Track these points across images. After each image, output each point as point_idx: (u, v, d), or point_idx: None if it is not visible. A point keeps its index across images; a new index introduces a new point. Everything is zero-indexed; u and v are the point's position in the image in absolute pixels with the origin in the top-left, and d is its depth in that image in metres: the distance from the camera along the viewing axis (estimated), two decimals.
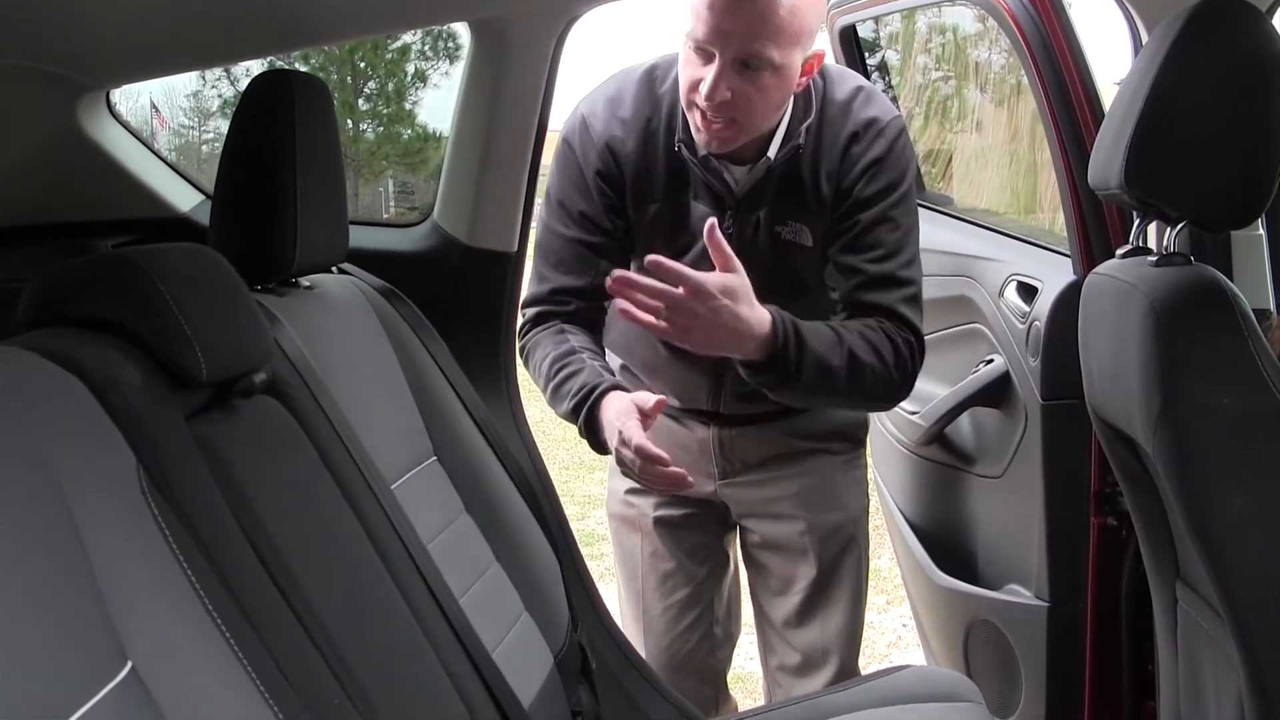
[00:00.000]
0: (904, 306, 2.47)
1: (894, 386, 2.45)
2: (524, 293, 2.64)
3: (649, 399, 2.41)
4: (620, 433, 2.38)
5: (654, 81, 2.57)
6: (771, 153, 2.47)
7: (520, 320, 2.60)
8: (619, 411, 2.45)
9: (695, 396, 2.75)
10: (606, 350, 2.64)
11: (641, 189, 2.57)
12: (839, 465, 2.80)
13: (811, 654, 2.82)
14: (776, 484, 2.78)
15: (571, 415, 2.52)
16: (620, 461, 2.43)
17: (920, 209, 3.42)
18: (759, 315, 2.28)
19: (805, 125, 2.48)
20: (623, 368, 2.81)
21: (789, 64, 2.35)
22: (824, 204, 2.50)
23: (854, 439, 2.84)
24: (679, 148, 2.50)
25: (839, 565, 2.78)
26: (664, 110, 2.55)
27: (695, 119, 2.41)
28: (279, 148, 2.03)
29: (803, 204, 2.51)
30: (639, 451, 2.33)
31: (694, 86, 2.36)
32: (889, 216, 2.48)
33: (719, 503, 2.86)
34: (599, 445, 2.50)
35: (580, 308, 2.59)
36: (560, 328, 2.57)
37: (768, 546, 2.84)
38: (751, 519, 2.84)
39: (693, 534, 2.91)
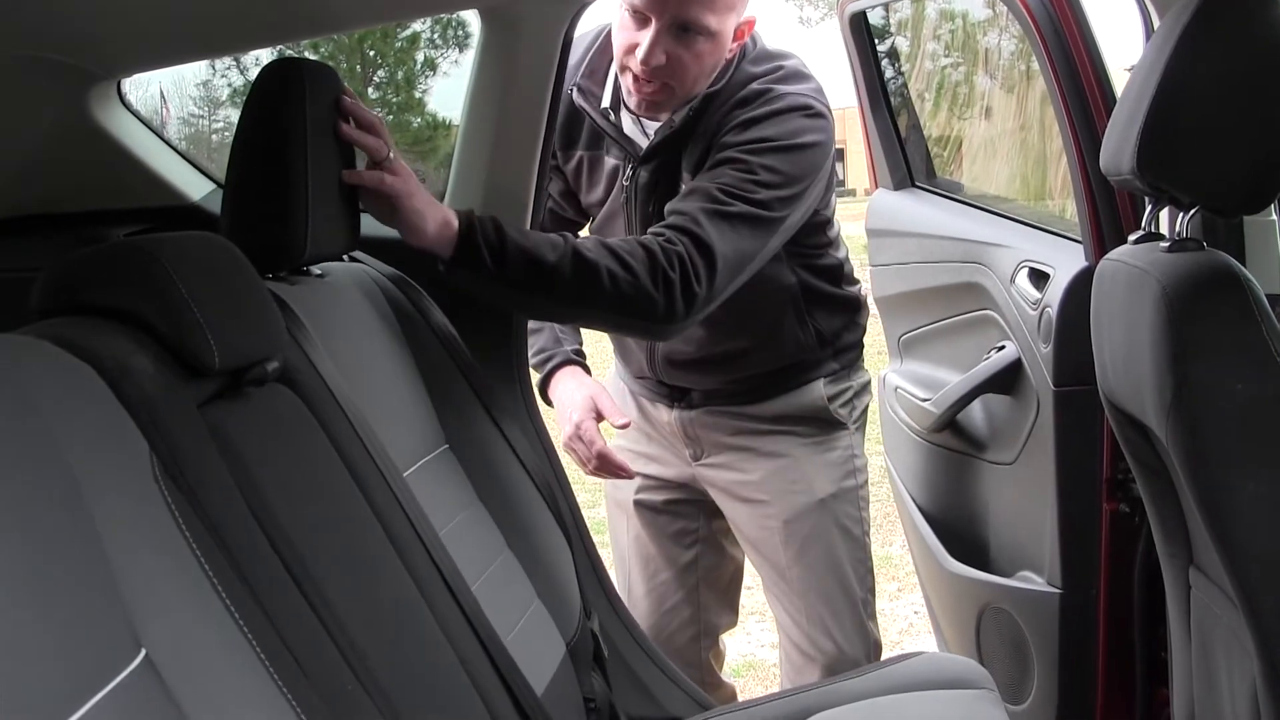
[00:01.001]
0: (703, 215, 2.36)
1: (654, 301, 2.30)
2: None
3: (614, 415, 2.69)
4: (579, 427, 2.69)
5: (606, 39, 2.66)
6: (678, 115, 2.51)
7: None
8: (576, 404, 2.72)
9: (639, 364, 2.86)
10: None
11: (570, 135, 2.70)
12: (807, 447, 2.81)
13: (800, 642, 2.83)
14: (744, 467, 2.82)
15: (536, 369, 2.80)
16: (570, 449, 2.58)
17: (931, 195, 3.44)
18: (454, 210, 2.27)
19: (707, 91, 2.51)
20: None
21: (724, 30, 2.40)
22: (698, 161, 2.55)
23: (822, 421, 2.83)
24: (571, 91, 2.56)
25: (811, 549, 2.78)
26: (586, 63, 2.66)
27: (627, 82, 2.48)
28: (290, 136, 2.03)
29: (687, 163, 2.57)
30: (600, 457, 2.70)
31: (629, 50, 2.41)
32: (738, 158, 2.44)
33: (699, 487, 2.89)
34: (547, 401, 2.81)
35: None
36: None
37: (745, 532, 2.86)
38: (729, 503, 2.87)
39: (675, 520, 2.95)
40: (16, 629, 1.18)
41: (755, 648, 4.72)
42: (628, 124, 2.61)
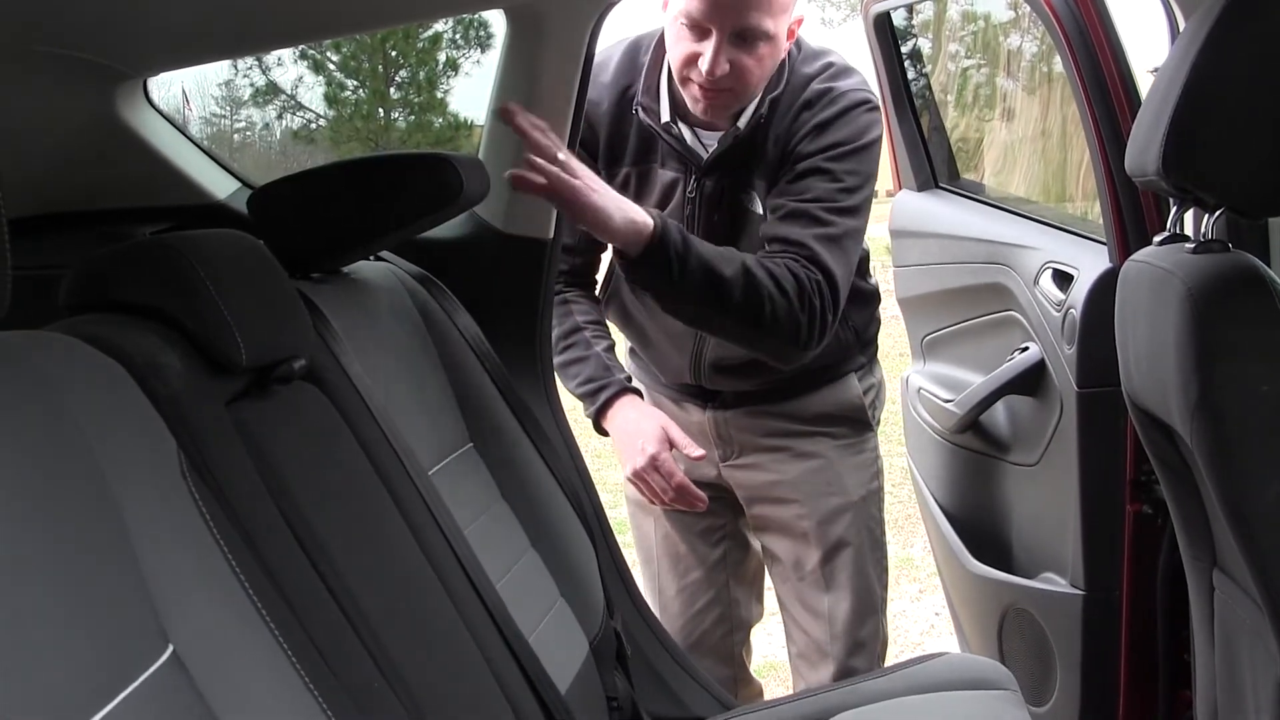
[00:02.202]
0: (818, 244, 2.44)
1: (800, 326, 2.40)
2: None
3: (689, 446, 2.63)
4: (655, 459, 2.62)
5: (637, 52, 2.68)
6: (742, 122, 2.51)
7: None
8: (648, 435, 2.66)
9: (679, 370, 2.84)
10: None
11: (613, 153, 2.68)
12: (840, 449, 2.82)
13: (820, 641, 2.83)
14: (776, 467, 2.81)
15: (580, 399, 2.76)
16: (641, 480, 2.55)
17: (954, 196, 3.44)
18: (641, 207, 2.31)
19: (770, 96, 2.51)
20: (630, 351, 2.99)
21: (780, 32, 2.42)
22: (773, 169, 2.54)
23: (856, 422, 2.85)
24: (636, 110, 2.56)
25: (841, 551, 2.79)
26: (641, 80, 2.63)
27: (692, 92, 2.47)
28: None
29: (759, 171, 2.57)
30: (679, 489, 2.62)
31: (690, 62, 2.41)
32: (824, 168, 2.49)
33: (726, 486, 2.89)
34: (601, 430, 2.75)
35: (575, 264, 2.81)
36: (564, 298, 2.78)
37: (771, 530, 2.86)
38: (756, 503, 2.87)
39: (702, 518, 2.94)
40: (46, 624, 1.18)
41: (776, 649, 4.70)
42: (688, 136, 2.60)
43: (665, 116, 2.58)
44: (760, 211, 2.56)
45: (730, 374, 2.76)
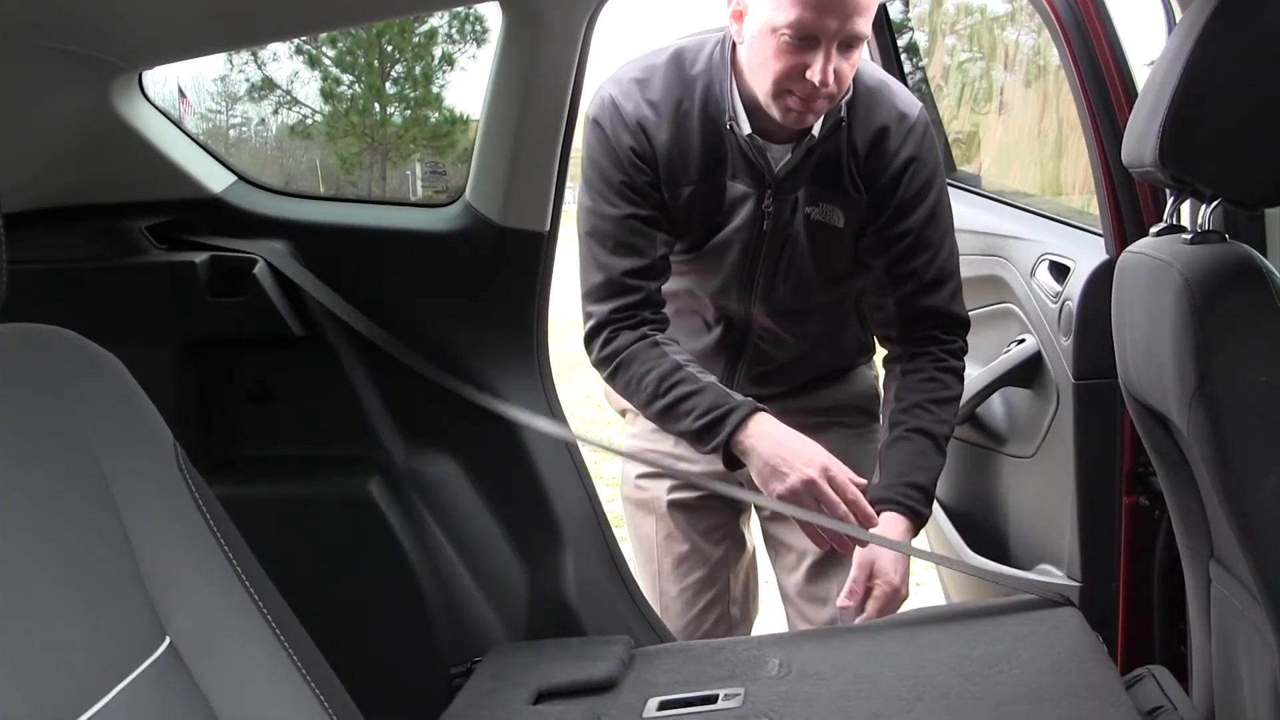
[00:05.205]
0: (954, 304, 2.61)
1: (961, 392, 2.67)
2: (584, 289, 2.62)
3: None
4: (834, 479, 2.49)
5: (683, 64, 2.59)
6: (816, 130, 2.48)
7: (590, 321, 2.60)
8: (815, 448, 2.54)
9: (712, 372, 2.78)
10: None
11: (674, 172, 2.58)
12: (853, 438, 2.82)
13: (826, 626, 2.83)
14: None
15: (698, 433, 2.57)
16: (810, 496, 2.49)
17: (951, 188, 3.44)
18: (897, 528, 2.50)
19: (845, 100, 2.48)
20: None
21: (870, 33, 2.42)
22: (857, 191, 2.54)
23: (867, 411, 2.86)
24: (730, 127, 2.51)
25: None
26: (697, 92, 2.55)
27: (788, 103, 2.42)
28: None
29: (835, 186, 2.54)
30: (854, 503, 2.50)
31: (796, 75, 2.38)
32: (934, 215, 2.57)
33: (737, 480, 2.87)
34: (732, 462, 2.58)
35: (651, 291, 2.59)
36: (654, 340, 2.59)
37: (783, 518, 2.84)
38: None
39: (706, 516, 2.93)
40: (44, 617, 1.19)
41: None
42: (769, 151, 2.55)
43: (746, 129, 2.53)
44: (839, 226, 2.57)
45: (763, 381, 2.77)
